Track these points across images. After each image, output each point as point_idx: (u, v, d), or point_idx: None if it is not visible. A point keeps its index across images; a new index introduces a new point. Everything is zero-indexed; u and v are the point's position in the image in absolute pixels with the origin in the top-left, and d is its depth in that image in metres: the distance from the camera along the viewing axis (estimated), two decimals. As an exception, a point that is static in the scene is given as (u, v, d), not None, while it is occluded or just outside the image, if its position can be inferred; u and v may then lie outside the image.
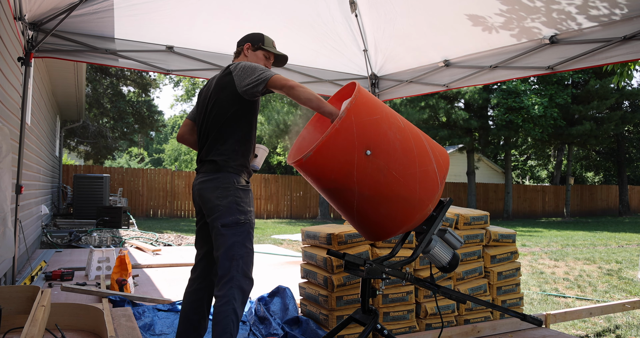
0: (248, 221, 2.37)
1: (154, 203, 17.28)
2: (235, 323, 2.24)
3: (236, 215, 2.34)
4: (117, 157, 34.84)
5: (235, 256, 2.30)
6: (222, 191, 2.35)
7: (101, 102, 19.90)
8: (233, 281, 2.27)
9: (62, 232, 8.88)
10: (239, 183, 2.38)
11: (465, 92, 19.11)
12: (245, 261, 2.33)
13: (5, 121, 4.37)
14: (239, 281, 2.28)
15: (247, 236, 2.35)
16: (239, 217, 2.34)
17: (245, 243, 2.34)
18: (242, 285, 2.30)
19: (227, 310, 2.22)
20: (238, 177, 2.39)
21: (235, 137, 2.40)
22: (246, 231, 2.35)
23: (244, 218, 2.35)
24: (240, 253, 2.31)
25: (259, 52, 2.62)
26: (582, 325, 4.04)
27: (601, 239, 12.21)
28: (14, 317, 2.78)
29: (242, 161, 2.41)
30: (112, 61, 4.24)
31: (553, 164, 31.07)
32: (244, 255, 2.32)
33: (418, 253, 2.23)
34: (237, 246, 2.31)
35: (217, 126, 2.39)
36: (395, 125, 2.02)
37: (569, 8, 3.41)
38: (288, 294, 3.52)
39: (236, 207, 2.34)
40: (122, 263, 4.28)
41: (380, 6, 4.28)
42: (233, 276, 2.28)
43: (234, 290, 2.26)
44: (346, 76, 5.35)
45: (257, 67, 2.35)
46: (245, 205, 2.38)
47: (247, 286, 2.32)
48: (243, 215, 2.35)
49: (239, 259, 2.30)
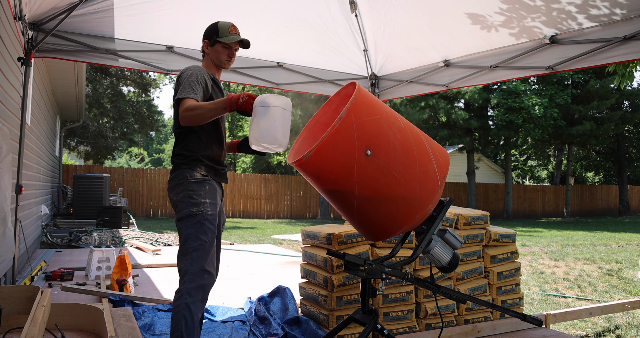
0: (200, 213, 2.32)
1: (154, 203, 17.28)
2: (188, 319, 2.20)
3: (189, 207, 2.33)
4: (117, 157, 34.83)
5: (188, 250, 2.28)
6: (177, 187, 2.39)
7: (101, 102, 19.89)
8: (187, 276, 2.25)
9: (62, 232, 8.88)
10: (192, 177, 2.38)
11: (465, 92, 19.11)
12: (200, 254, 2.28)
13: (5, 121, 4.37)
14: (193, 276, 2.24)
15: (201, 228, 2.30)
16: (192, 209, 2.32)
17: (198, 234, 2.29)
18: (197, 279, 2.25)
19: (180, 305, 2.21)
20: (192, 171, 2.39)
21: (189, 138, 2.44)
22: (198, 223, 2.30)
23: (196, 209, 2.32)
24: (193, 245, 2.28)
25: (217, 46, 2.55)
26: (582, 325, 4.04)
27: (601, 239, 12.21)
28: (14, 317, 2.78)
29: (198, 155, 2.42)
30: (112, 61, 4.24)
31: (553, 164, 31.06)
32: (197, 247, 2.28)
33: (418, 253, 2.23)
34: (190, 239, 2.29)
35: (174, 129, 2.51)
36: (395, 125, 2.02)
37: (569, 7, 3.41)
38: (288, 294, 3.52)
39: (189, 200, 2.34)
40: (122, 263, 4.28)
41: (380, 6, 4.28)
42: (187, 269, 2.25)
43: (187, 284, 2.23)
44: (346, 76, 5.35)
45: (182, 81, 2.37)
46: (198, 197, 2.35)
47: (204, 279, 2.27)
48: (195, 207, 2.32)
49: (193, 252, 2.27)
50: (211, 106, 2.22)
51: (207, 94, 2.42)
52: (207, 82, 2.43)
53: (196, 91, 2.31)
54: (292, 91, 5.30)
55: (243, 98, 2.18)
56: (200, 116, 2.23)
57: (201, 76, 2.40)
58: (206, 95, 2.42)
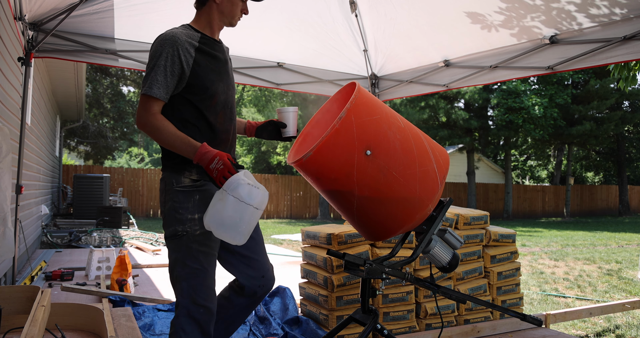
0: (186, 233, 1.89)
1: (154, 203, 17.28)
2: None
3: (173, 224, 1.90)
4: (117, 157, 34.83)
5: (177, 278, 1.91)
6: (162, 195, 1.97)
7: (101, 102, 19.91)
8: (179, 309, 1.90)
9: (62, 232, 8.87)
10: (178, 184, 1.92)
11: (465, 92, 19.12)
12: (191, 284, 1.88)
13: (5, 121, 4.37)
14: (186, 310, 1.88)
15: (188, 253, 1.89)
16: (177, 228, 1.89)
17: (186, 261, 1.89)
18: (192, 314, 1.88)
19: None
20: (178, 176, 1.93)
21: (173, 123, 1.93)
22: (185, 247, 1.89)
23: (181, 228, 1.89)
24: (181, 274, 1.89)
25: None
26: (582, 325, 4.04)
27: (601, 239, 12.21)
28: (14, 317, 2.78)
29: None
30: (112, 61, 4.24)
31: (553, 164, 31.06)
32: (186, 276, 1.88)
33: (418, 253, 2.23)
34: (178, 266, 1.90)
35: None
36: (395, 125, 2.02)
37: (568, 7, 3.41)
38: (288, 294, 3.52)
39: (173, 214, 1.90)
40: (122, 263, 4.28)
41: (380, 6, 4.28)
42: (179, 302, 1.91)
43: (180, 319, 1.88)
44: (346, 76, 5.35)
45: (150, 64, 1.86)
46: (184, 212, 1.90)
47: (199, 314, 1.88)
48: (180, 225, 1.89)
49: (182, 281, 1.89)
50: (177, 142, 1.82)
51: (183, 79, 1.88)
52: (185, 62, 1.86)
53: (165, 86, 1.84)
54: (292, 91, 5.30)
55: (217, 164, 1.77)
56: (158, 140, 1.86)
57: (176, 55, 1.84)
58: (182, 81, 1.89)
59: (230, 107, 2.06)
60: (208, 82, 1.93)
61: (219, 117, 1.99)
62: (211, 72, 1.95)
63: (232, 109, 2.08)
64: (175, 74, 1.85)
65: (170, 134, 1.83)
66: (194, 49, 1.90)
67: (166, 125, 1.84)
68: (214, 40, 2.03)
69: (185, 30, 1.93)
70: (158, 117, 1.85)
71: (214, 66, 1.97)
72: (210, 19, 2.00)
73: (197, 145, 1.82)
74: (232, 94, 2.09)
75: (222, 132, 2.01)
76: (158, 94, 1.83)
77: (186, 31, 1.93)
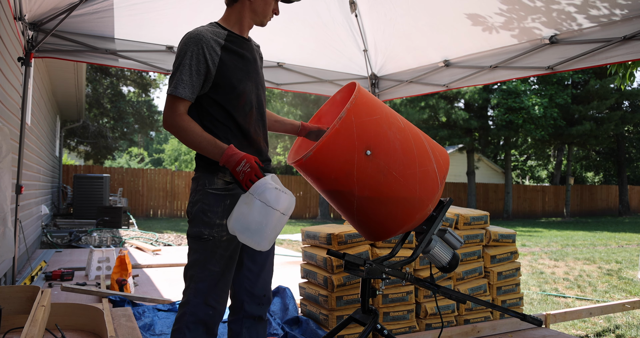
0: (213, 238, 1.86)
1: (154, 203, 17.28)
2: None
3: (200, 227, 1.87)
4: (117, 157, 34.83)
5: (193, 279, 1.88)
6: (193, 194, 1.93)
7: (101, 102, 19.91)
8: (187, 307, 1.87)
9: (62, 232, 8.88)
10: (211, 185, 1.89)
11: (465, 92, 19.12)
12: (206, 286, 1.87)
13: (5, 121, 4.37)
14: (194, 308, 1.86)
15: (211, 257, 1.87)
16: (203, 231, 1.87)
17: (207, 264, 1.87)
18: (198, 313, 1.86)
19: None
20: (212, 177, 1.89)
21: (208, 120, 1.90)
22: (209, 251, 1.87)
23: (208, 232, 1.86)
24: (199, 276, 1.87)
25: None
26: (582, 325, 4.04)
27: (601, 239, 12.21)
28: (14, 317, 2.78)
29: None
30: (112, 61, 4.24)
31: (553, 164, 31.07)
32: (204, 278, 1.87)
33: (418, 253, 2.23)
34: (198, 267, 1.88)
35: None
36: (395, 125, 2.02)
37: (568, 8, 3.41)
38: (288, 294, 3.52)
39: (202, 217, 1.87)
40: (122, 263, 4.28)
41: (380, 6, 4.28)
42: (188, 300, 1.88)
43: (187, 318, 1.86)
44: (346, 76, 5.35)
45: (176, 64, 1.82)
46: (213, 216, 1.87)
47: (206, 316, 1.87)
48: (208, 229, 1.86)
49: (199, 282, 1.87)
50: (203, 143, 1.80)
51: (209, 79, 1.84)
52: (210, 60, 1.82)
53: (190, 85, 1.81)
54: (292, 91, 5.30)
55: (244, 167, 1.75)
56: (185, 141, 1.83)
57: (201, 54, 1.81)
58: (208, 80, 1.85)
59: (260, 107, 2.00)
60: (235, 81, 1.88)
61: (248, 118, 1.94)
62: (239, 71, 1.90)
63: (261, 109, 2.02)
64: (201, 73, 1.81)
65: (197, 135, 1.79)
66: (220, 47, 1.85)
67: (192, 126, 1.80)
68: (242, 38, 1.97)
69: (211, 28, 1.89)
70: (184, 117, 1.81)
71: (242, 64, 1.92)
72: (241, 17, 1.95)
73: (224, 147, 1.79)
74: (261, 93, 2.02)
75: (252, 133, 1.96)
76: (183, 94, 1.79)
77: (212, 29, 1.89)
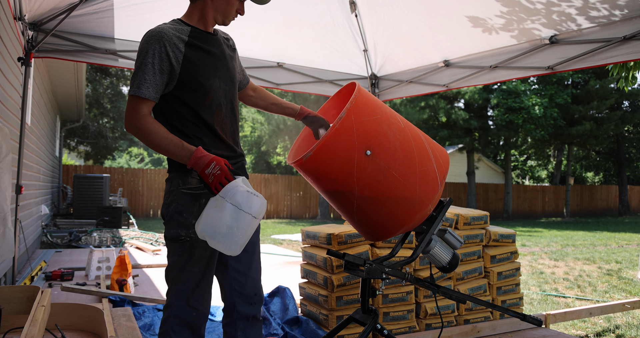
0: (190, 239, 1.82)
1: (154, 203, 17.28)
2: None
3: (176, 228, 1.82)
4: (117, 157, 34.84)
5: (173, 281, 1.86)
6: (167, 196, 1.88)
7: (101, 102, 19.92)
8: (170, 310, 1.85)
9: (62, 232, 8.88)
10: (185, 185, 1.83)
11: (465, 92, 19.12)
12: (188, 287, 1.84)
13: (5, 121, 4.37)
14: (177, 311, 1.83)
15: (190, 258, 1.83)
16: (180, 232, 1.82)
17: (186, 265, 1.83)
18: (182, 316, 1.84)
19: None
20: (185, 176, 1.83)
21: (174, 117, 1.83)
22: (187, 252, 1.83)
23: (185, 233, 1.81)
24: (179, 278, 1.84)
25: None
26: (582, 325, 4.04)
27: (601, 239, 12.21)
28: (14, 317, 2.78)
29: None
30: (112, 61, 4.24)
31: (553, 164, 31.07)
32: (184, 279, 1.84)
33: (418, 253, 2.23)
34: (177, 269, 1.85)
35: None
36: (395, 125, 2.02)
37: (569, 10, 3.41)
38: (288, 294, 3.52)
39: (177, 218, 1.82)
40: (122, 263, 4.29)
41: (380, 7, 4.29)
42: (171, 303, 1.85)
43: (171, 321, 1.83)
44: (346, 76, 5.35)
45: (137, 62, 1.75)
46: (189, 216, 1.82)
47: (190, 317, 1.84)
48: (184, 230, 1.82)
49: (179, 284, 1.84)
50: (169, 146, 1.72)
51: (173, 77, 1.77)
52: (173, 58, 1.75)
53: (154, 85, 1.73)
54: (292, 91, 5.30)
55: (214, 169, 1.69)
56: (149, 144, 1.74)
57: (163, 52, 1.73)
58: (172, 79, 1.78)
59: (229, 102, 1.93)
60: (202, 78, 1.81)
61: (215, 115, 1.87)
62: (205, 68, 1.83)
63: (231, 104, 1.95)
64: (165, 72, 1.74)
65: (162, 137, 1.72)
66: (184, 44, 1.78)
67: (157, 128, 1.72)
68: (208, 33, 1.90)
69: (173, 25, 1.82)
70: (148, 119, 1.73)
71: (208, 60, 1.85)
72: (204, 14, 1.87)
73: (192, 149, 1.73)
74: (231, 89, 1.95)
75: (220, 130, 1.89)
76: (147, 94, 1.71)
77: (175, 26, 1.81)
